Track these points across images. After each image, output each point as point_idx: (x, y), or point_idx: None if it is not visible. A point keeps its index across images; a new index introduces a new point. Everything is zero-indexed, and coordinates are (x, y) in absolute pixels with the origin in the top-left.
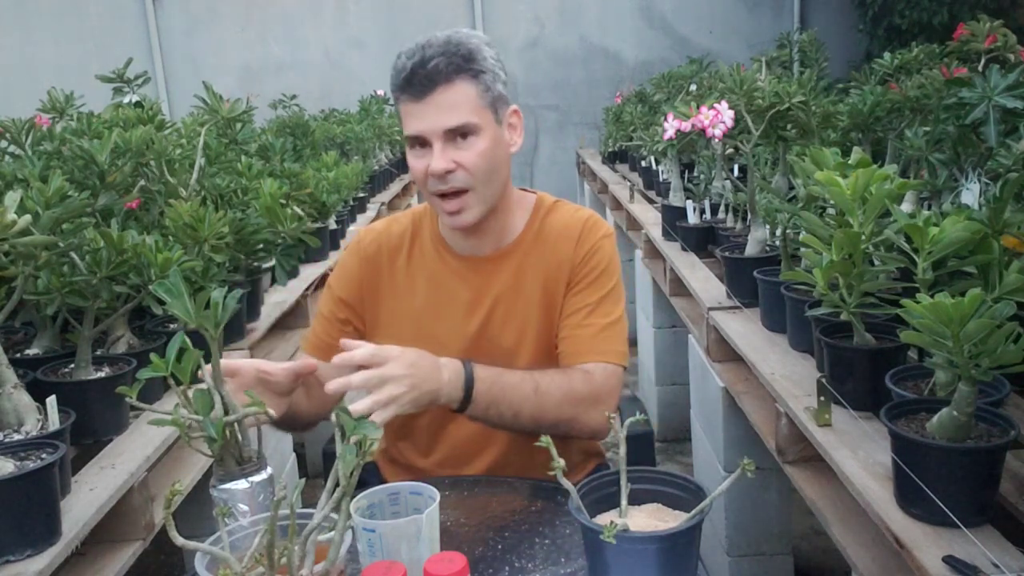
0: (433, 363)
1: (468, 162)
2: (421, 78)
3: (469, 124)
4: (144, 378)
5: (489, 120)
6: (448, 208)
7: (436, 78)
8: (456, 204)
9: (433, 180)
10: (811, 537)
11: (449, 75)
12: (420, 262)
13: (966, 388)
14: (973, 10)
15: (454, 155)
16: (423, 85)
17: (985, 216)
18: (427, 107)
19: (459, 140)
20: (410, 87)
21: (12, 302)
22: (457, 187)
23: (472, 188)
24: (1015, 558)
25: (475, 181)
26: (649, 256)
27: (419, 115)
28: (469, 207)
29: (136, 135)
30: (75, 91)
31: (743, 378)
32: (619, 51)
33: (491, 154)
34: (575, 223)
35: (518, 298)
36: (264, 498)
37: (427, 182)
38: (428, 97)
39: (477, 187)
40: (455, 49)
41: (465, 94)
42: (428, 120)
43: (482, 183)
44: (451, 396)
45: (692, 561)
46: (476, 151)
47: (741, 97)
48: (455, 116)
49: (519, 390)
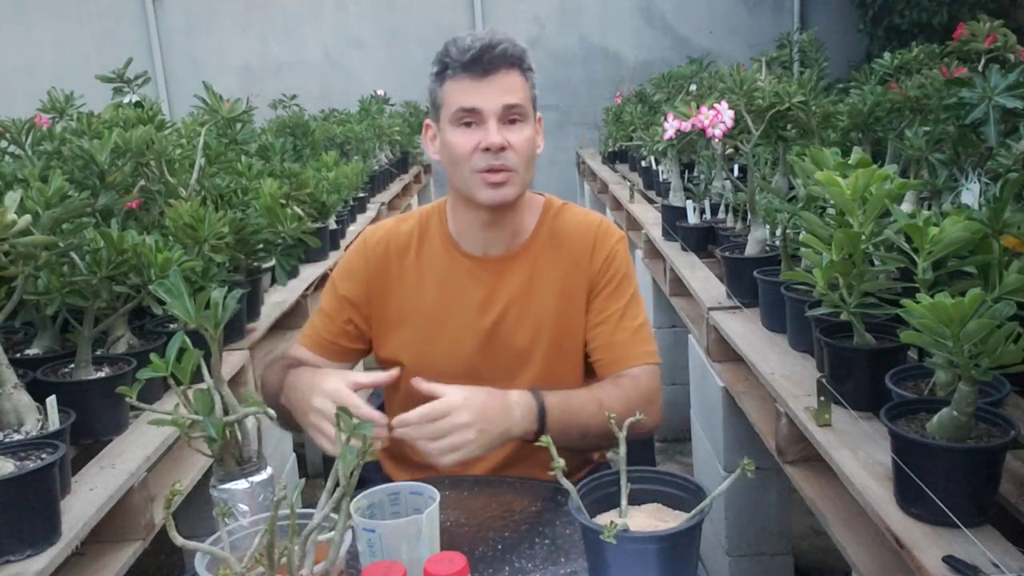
0: (502, 403)
1: (517, 144)
2: (490, 58)
3: (523, 108)
4: (144, 378)
5: (531, 114)
6: (493, 179)
7: (502, 61)
8: (503, 176)
9: (484, 156)
10: (811, 537)
11: (512, 62)
12: (430, 261)
13: (966, 388)
14: (973, 10)
15: (506, 135)
16: (490, 64)
17: (985, 216)
18: (489, 85)
19: (509, 124)
20: (475, 65)
21: (12, 302)
22: (508, 165)
23: (516, 170)
24: (1015, 558)
25: (520, 163)
26: (649, 256)
27: (479, 92)
28: (512, 183)
29: (136, 135)
30: (75, 91)
31: (743, 378)
32: (619, 51)
33: (532, 144)
34: (588, 228)
35: (532, 299)
36: (264, 498)
37: (473, 158)
38: (491, 76)
39: (520, 170)
40: (514, 43)
41: (520, 83)
42: (489, 97)
43: (523, 168)
44: (525, 430)
45: (692, 561)
46: (524, 136)
47: (741, 97)
48: (513, 96)
49: (585, 410)
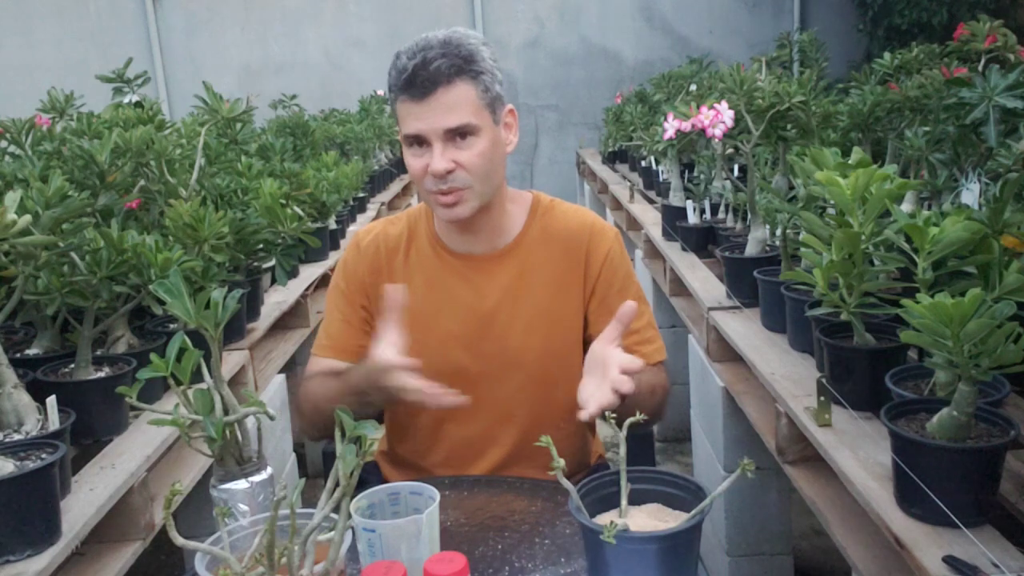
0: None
1: (467, 162)
2: (423, 79)
3: (469, 125)
4: (144, 378)
5: (488, 120)
6: (444, 201)
7: (437, 79)
8: (453, 197)
9: (432, 179)
10: (811, 537)
11: (450, 76)
12: (418, 262)
13: (966, 388)
14: (973, 10)
15: (454, 155)
16: (424, 86)
17: (985, 216)
18: (427, 107)
19: (458, 140)
20: (411, 87)
21: (12, 302)
22: (456, 187)
23: (470, 187)
24: (1015, 558)
25: (474, 180)
26: (649, 256)
27: (419, 115)
28: (465, 201)
29: (136, 135)
30: (75, 91)
31: (743, 378)
32: (619, 51)
33: (490, 154)
34: (582, 225)
35: (524, 298)
36: (264, 498)
37: (425, 180)
38: (429, 98)
39: (475, 185)
40: (455, 50)
41: (465, 95)
42: (428, 120)
43: (480, 182)
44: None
45: (692, 561)
46: (475, 151)
47: (741, 97)
48: (455, 116)
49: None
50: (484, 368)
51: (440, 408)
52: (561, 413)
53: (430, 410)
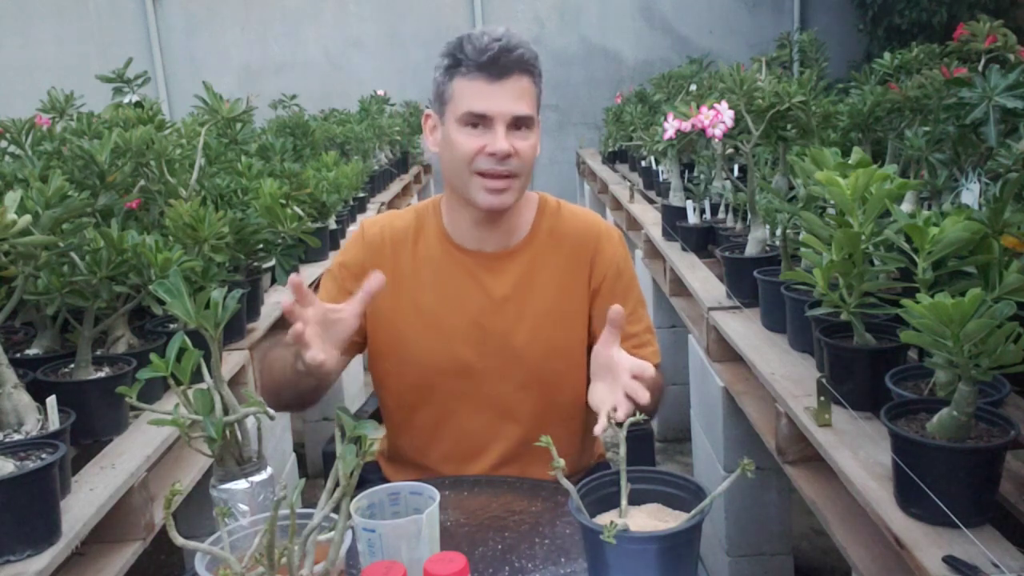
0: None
1: (524, 151)
2: (506, 61)
3: (531, 118)
4: (144, 378)
5: (537, 120)
6: (496, 186)
7: (518, 65)
8: (504, 183)
9: (489, 159)
10: (811, 537)
11: (526, 67)
12: (426, 256)
13: (966, 388)
14: (973, 10)
15: (512, 141)
16: (505, 68)
17: (985, 216)
18: (502, 89)
19: (517, 130)
20: (491, 67)
21: (12, 302)
22: (512, 171)
23: (519, 175)
24: (1015, 558)
25: (524, 169)
26: (649, 256)
27: (491, 96)
28: (512, 189)
29: (136, 135)
30: (75, 91)
31: (743, 378)
32: (619, 51)
33: (536, 150)
34: (590, 228)
35: (530, 297)
36: (264, 498)
37: (476, 160)
38: (504, 80)
39: (522, 176)
40: (529, 46)
41: (531, 89)
42: (500, 103)
43: (526, 174)
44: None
45: (692, 561)
46: (530, 143)
47: (741, 97)
48: (524, 105)
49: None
50: (488, 364)
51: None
52: (563, 411)
53: (432, 406)
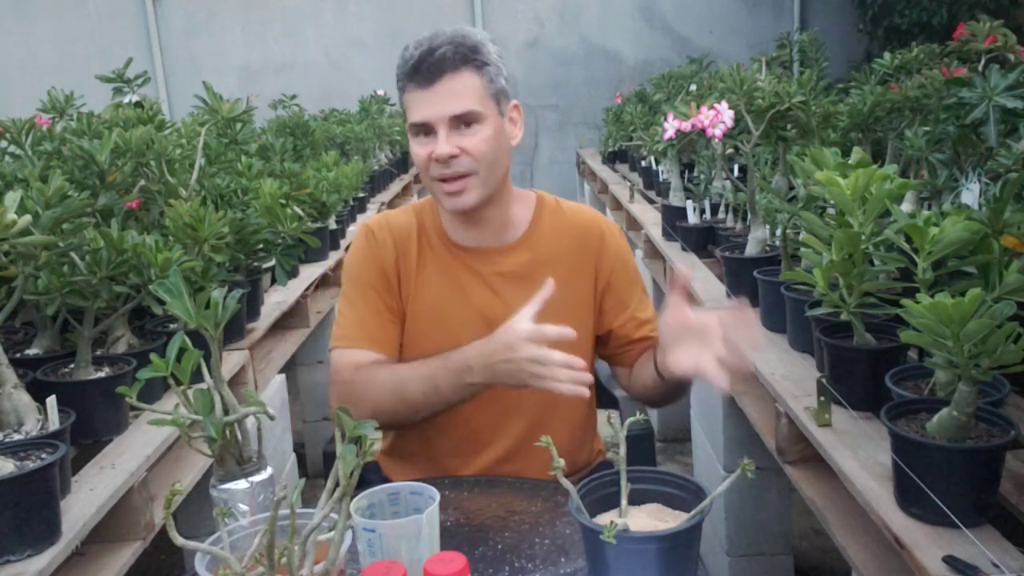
0: None
1: (472, 147)
2: (429, 66)
3: (474, 112)
4: (144, 378)
5: (493, 111)
6: (449, 189)
7: (443, 66)
8: (458, 185)
9: (436, 165)
10: (811, 537)
11: (456, 64)
12: (430, 254)
13: (966, 388)
14: (973, 10)
15: (458, 141)
16: (430, 72)
17: (985, 216)
18: (433, 95)
19: (463, 128)
20: (417, 75)
21: (12, 302)
22: (461, 171)
23: (475, 172)
24: (1015, 558)
25: (479, 166)
26: (649, 256)
27: (425, 102)
28: (470, 189)
29: (136, 135)
30: (75, 91)
31: (743, 378)
32: (619, 51)
33: (494, 142)
34: (592, 223)
35: (535, 291)
36: (264, 498)
37: (429, 167)
38: (435, 85)
39: (480, 171)
40: (461, 40)
41: (471, 83)
42: (434, 107)
43: (485, 168)
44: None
45: (692, 561)
46: (480, 137)
47: (741, 97)
48: (460, 103)
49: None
50: None
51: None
52: (568, 406)
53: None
